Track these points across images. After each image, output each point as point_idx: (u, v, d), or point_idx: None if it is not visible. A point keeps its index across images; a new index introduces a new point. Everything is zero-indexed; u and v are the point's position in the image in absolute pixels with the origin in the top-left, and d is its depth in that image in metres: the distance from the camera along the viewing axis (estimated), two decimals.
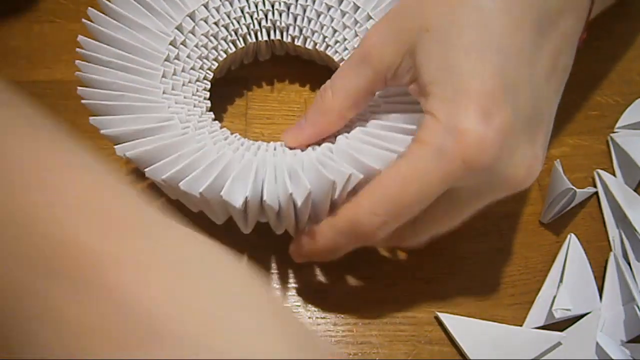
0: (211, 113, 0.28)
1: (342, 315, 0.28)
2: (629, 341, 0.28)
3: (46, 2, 0.36)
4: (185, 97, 0.27)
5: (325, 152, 0.25)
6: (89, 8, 0.26)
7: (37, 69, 0.34)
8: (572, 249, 0.29)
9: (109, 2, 0.27)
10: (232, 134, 0.27)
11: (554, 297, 0.28)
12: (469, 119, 0.21)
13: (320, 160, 0.24)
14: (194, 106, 0.27)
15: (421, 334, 0.28)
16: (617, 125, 0.34)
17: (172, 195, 0.25)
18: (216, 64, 0.29)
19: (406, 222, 0.23)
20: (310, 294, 0.28)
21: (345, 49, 0.30)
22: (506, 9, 0.22)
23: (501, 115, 0.21)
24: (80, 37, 0.26)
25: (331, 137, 0.27)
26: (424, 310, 0.28)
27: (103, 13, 0.27)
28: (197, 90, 0.28)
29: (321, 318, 0.28)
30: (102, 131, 0.24)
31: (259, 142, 0.27)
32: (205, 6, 0.29)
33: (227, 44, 0.30)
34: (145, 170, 0.23)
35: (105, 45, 0.26)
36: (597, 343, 0.27)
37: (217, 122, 0.27)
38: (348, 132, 0.26)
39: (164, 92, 0.26)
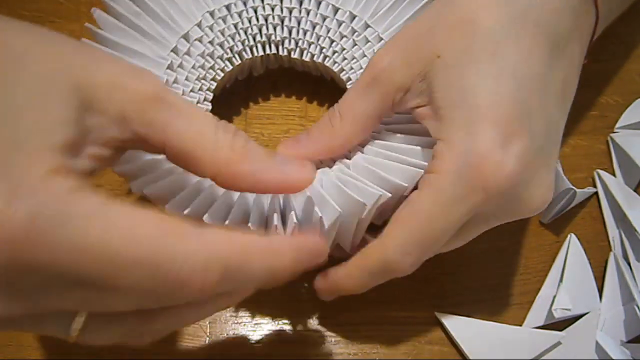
0: None
1: (342, 315, 0.28)
2: (629, 341, 0.28)
3: (46, 2, 0.36)
4: None
5: (344, 171, 0.24)
6: (82, 39, 0.25)
7: None
8: (572, 249, 0.29)
9: (101, 30, 0.26)
10: None
11: (554, 297, 0.28)
12: (487, 145, 0.20)
13: (342, 180, 0.23)
14: None
15: (421, 334, 0.28)
16: (617, 125, 0.34)
17: None
18: (215, 84, 0.29)
19: None
20: (310, 294, 0.28)
21: (345, 59, 0.29)
22: (517, 37, 0.22)
23: (520, 140, 0.20)
24: None
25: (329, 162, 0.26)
26: (424, 310, 0.28)
27: (97, 42, 0.26)
28: None
29: (321, 318, 0.28)
30: (114, 168, 0.23)
31: None
32: (199, 25, 0.28)
33: (224, 62, 0.29)
34: (166, 206, 0.22)
35: None
36: (597, 343, 0.27)
37: None
38: (349, 159, 0.25)
39: None
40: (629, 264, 0.29)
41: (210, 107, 0.28)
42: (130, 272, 0.15)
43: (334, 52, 0.30)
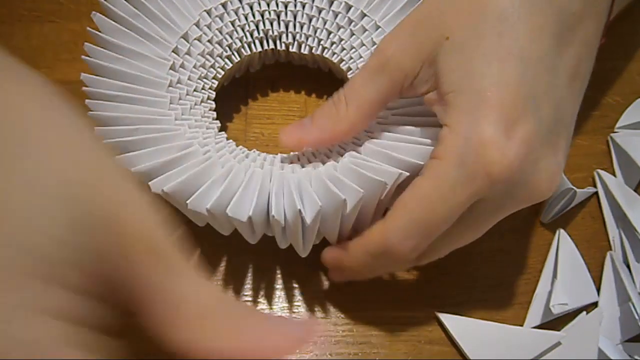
0: (223, 133, 0.27)
1: (342, 315, 0.28)
2: (626, 341, 0.28)
3: (46, 2, 0.36)
4: (196, 121, 0.26)
5: (357, 156, 0.24)
6: (85, 43, 0.26)
7: (37, 69, 0.33)
8: (562, 243, 0.29)
9: (101, 33, 0.26)
10: (249, 150, 0.27)
11: (550, 294, 0.28)
12: (490, 131, 0.20)
13: (357, 164, 0.24)
14: (207, 128, 0.27)
15: (421, 334, 0.28)
16: (617, 125, 0.34)
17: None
18: (216, 82, 0.29)
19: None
20: (311, 294, 0.28)
21: (343, 49, 0.30)
22: (526, 17, 0.21)
23: (524, 125, 0.20)
24: (83, 75, 0.25)
25: (331, 154, 0.26)
26: (424, 310, 0.28)
27: (98, 46, 0.26)
28: (205, 112, 0.28)
29: (321, 318, 0.28)
30: (131, 169, 0.23)
31: (280, 155, 0.27)
32: (197, 25, 0.28)
33: (224, 60, 0.29)
34: (187, 202, 0.22)
35: (108, 80, 0.25)
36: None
37: (231, 140, 0.27)
38: (355, 148, 0.26)
39: (175, 119, 0.26)
40: (628, 264, 0.29)
41: (213, 106, 0.28)
42: None
43: (332, 43, 0.30)
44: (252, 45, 0.31)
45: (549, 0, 0.22)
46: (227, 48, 0.30)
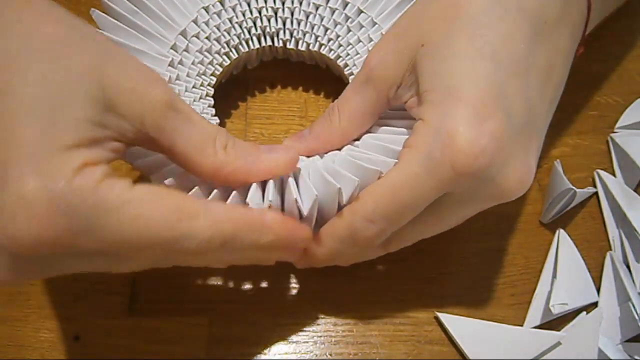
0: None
1: (342, 315, 0.28)
2: (626, 341, 0.28)
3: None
4: None
5: (354, 149, 0.25)
6: None
7: None
8: (562, 243, 0.30)
9: (102, 30, 0.26)
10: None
11: (549, 293, 0.28)
12: (459, 123, 0.20)
13: (354, 156, 0.24)
14: None
15: (421, 334, 0.28)
16: (617, 125, 0.34)
17: None
18: (215, 79, 0.29)
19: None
20: (310, 294, 0.28)
21: (340, 45, 0.30)
22: (499, 21, 0.22)
23: (494, 120, 0.20)
24: None
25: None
26: (424, 310, 0.28)
27: None
28: (204, 109, 0.28)
29: (321, 318, 0.28)
30: (133, 163, 0.24)
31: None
32: (195, 22, 0.29)
33: (222, 57, 0.30)
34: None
35: None
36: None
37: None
38: (352, 142, 0.26)
39: None
40: (628, 264, 0.29)
41: (212, 102, 0.28)
42: (151, 249, 0.19)
43: (329, 39, 0.30)
44: (250, 42, 0.31)
45: (520, 8, 0.22)
46: (225, 45, 0.30)
